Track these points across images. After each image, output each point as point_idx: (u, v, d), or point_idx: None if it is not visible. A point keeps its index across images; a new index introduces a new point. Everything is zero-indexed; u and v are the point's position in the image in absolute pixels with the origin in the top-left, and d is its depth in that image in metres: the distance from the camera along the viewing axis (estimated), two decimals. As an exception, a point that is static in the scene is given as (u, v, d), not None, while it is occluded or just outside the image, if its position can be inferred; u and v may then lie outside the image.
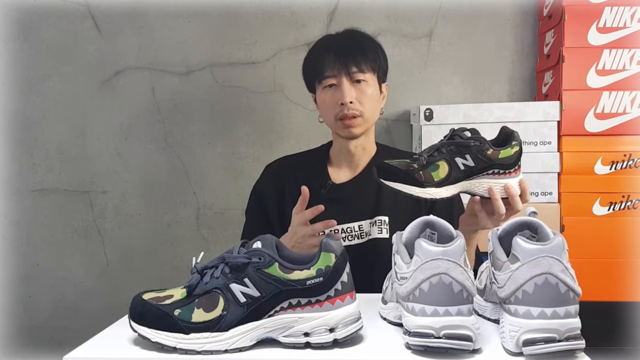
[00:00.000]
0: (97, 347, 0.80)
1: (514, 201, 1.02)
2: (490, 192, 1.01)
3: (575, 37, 1.64)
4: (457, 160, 0.99)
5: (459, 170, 0.99)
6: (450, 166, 0.99)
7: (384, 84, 1.34)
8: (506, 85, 1.93)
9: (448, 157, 1.00)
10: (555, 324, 0.69)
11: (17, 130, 1.99)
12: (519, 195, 1.03)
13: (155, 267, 1.98)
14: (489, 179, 1.01)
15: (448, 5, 1.91)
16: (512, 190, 1.01)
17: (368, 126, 1.29)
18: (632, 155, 1.62)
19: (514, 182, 1.02)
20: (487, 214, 1.05)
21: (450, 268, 0.72)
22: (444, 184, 1.00)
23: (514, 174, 1.02)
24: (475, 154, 0.99)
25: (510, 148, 1.00)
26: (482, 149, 0.99)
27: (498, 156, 0.99)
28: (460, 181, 1.00)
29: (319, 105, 1.32)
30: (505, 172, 1.01)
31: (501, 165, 1.00)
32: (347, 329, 0.77)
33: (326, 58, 1.26)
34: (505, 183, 1.01)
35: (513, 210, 1.03)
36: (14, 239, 2.00)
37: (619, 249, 1.61)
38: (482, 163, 0.99)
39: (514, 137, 1.02)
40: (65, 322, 2.00)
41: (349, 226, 1.29)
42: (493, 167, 1.00)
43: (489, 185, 1.01)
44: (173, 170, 1.98)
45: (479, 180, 1.01)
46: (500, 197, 1.01)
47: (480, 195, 1.02)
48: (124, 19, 1.96)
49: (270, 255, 0.76)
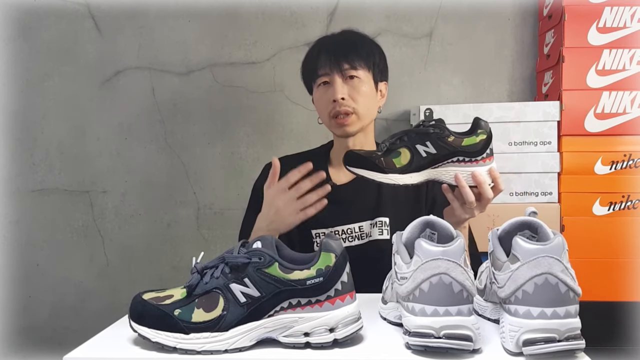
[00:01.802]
0: (97, 347, 0.80)
1: (483, 189, 1.03)
2: (456, 179, 1.03)
3: (575, 37, 1.64)
4: (418, 147, 1.02)
5: (421, 157, 1.02)
6: (412, 153, 1.02)
7: (383, 83, 1.33)
8: (506, 85, 1.93)
9: (409, 144, 1.03)
10: (555, 324, 0.69)
11: (17, 130, 1.99)
12: (489, 184, 1.04)
13: (155, 267, 1.98)
14: (455, 166, 1.03)
15: (448, 5, 1.91)
16: (480, 178, 1.02)
17: (363, 124, 1.28)
18: (632, 155, 1.62)
19: (482, 169, 1.03)
20: (459, 204, 1.07)
21: (450, 268, 0.72)
22: (407, 170, 1.02)
23: (482, 162, 1.03)
24: (436, 141, 1.01)
25: (475, 136, 1.02)
26: (442, 136, 1.01)
27: (461, 144, 1.01)
28: (426, 168, 1.03)
29: (315, 104, 1.33)
30: (472, 159, 1.02)
31: (465, 152, 1.01)
32: (347, 329, 0.77)
33: (320, 57, 1.27)
34: (472, 171, 1.02)
35: (484, 198, 1.04)
36: (14, 239, 2.00)
37: (619, 249, 1.61)
38: (443, 150, 1.01)
39: (480, 126, 1.03)
40: (65, 322, 2.00)
41: (349, 227, 1.29)
42: (457, 155, 1.02)
43: (455, 173, 1.02)
44: (173, 170, 1.98)
45: (445, 169, 1.03)
46: (469, 185, 1.03)
47: (447, 182, 1.05)
48: (124, 19, 1.96)
49: (270, 255, 0.76)
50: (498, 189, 1.05)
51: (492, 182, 1.04)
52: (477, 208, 1.07)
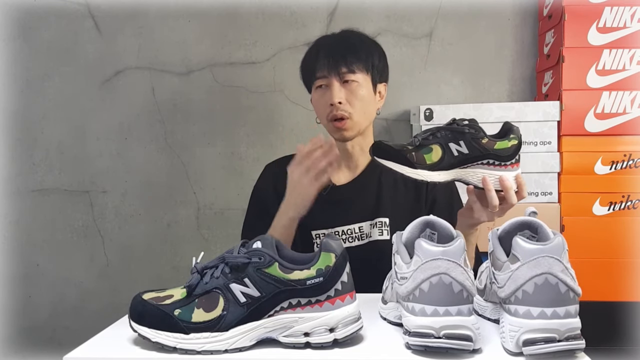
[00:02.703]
0: (97, 347, 0.80)
1: (508, 194, 1.02)
2: (483, 182, 1.01)
3: (575, 37, 1.64)
4: (451, 145, 1.00)
5: (452, 156, 1.00)
6: (444, 151, 1.00)
7: (382, 84, 1.32)
8: (506, 85, 1.93)
9: (442, 141, 1.01)
10: (555, 324, 0.69)
11: (17, 130, 1.99)
12: (514, 190, 1.03)
13: (155, 267, 1.98)
14: (483, 168, 1.01)
15: (448, 5, 1.91)
16: (507, 183, 1.01)
17: (360, 128, 1.27)
18: (632, 155, 1.62)
19: (509, 175, 1.01)
20: (481, 206, 1.06)
21: (450, 268, 0.72)
22: (436, 168, 1.00)
23: (511, 168, 1.02)
24: (470, 142, 0.99)
25: (507, 140, 1.00)
26: (477, 137, 0.99)
27: (494, 147, 1.00)
28: (454, 168, 1.01)
29: (313, 105, 1.32)
30: (501, 164, 1.01)
31: (496, 156, 1.00)
32: (347, 329, 0.77)
33: (318, 59, 1.26)
34: (500, 175, 1.01)
35: (507, 204, 1.03)
36: (14, 239, 2.00)
37: (619, 249, 1.61)
38: (476, 151, 1.00)
39: (512, 131, 1.02)
40: (65, 322, 2.00)
41: (349, 228, 1.29)
42: (488, 157, 1.00)
43: (483, 175, 1.01)
44: (173, 170, 1.98)
45: (474, 170, 1.01)
46: (495, 189, 1.01)
47: (474, 184, 1.03)
48: (124, 19, 1.96)
49: (270, 255, 0.76)
50: (521, 195, 1.04)
51: (517, 188, 1.03)
52: (497, 213, 1.05)
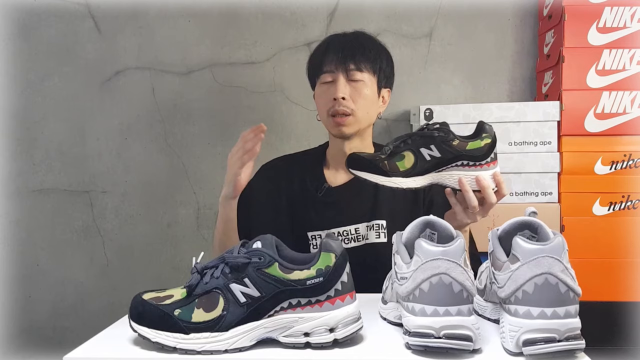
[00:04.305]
0: (97, 347, 0.80)
1: (486, 193, 1.02)
2: (460, 183, 1.02)
3: (575, 37, 1.64)
4: (423, 150, 1.01)
5: (425, 161, 1.01)
6: (416, 156, 1.01)
7: (386, 90, 1.32)
8: (506, 85, 1.93)
9: (413, 147, 1.02)
10: (555, 324, 0.69)
11: (17, 130, 1.99)
12: (493, 189, 1.03)
13: (155, 267, 1.98)
14: (459, 170, 1.02)
15: (448, 5, 1.91)
16: (484, 182, 1.01)
17: (360, 127, 1.27)
18: (632, 155, 1.62)
19: (486, 174, 1.02)
20: (462, 208, 1.06)
21: (450, 268, 0.72)
22: (411, 174, 1.02)
23: (487, 167, 1.02)
24: (441, 145, 1.00)
25: (479, 140, 1.01)
26: (447, 140, 1.00)
27: (466, 147, 1.00)
28: (429, 172, 1.02)
29: (315, 100, 1.32)
30: (476, 163, 1.01)
31: (470, 156, 1.01)
32: (347, 329, 0.77)
33: (327, 55, 1.27)
34: (476, 175, 1.01)
35: (487, 203, 1.04)
36: (14, 239, 2.00)
37: (619, 249, 1.61)
38: (448, 154, 1.00)
39: (484, 130, 1.03)
40: (65, 322, 2.00)
41: (345, 229, 1.28)
42: (461, 158, 1.01)
43: (458, 177, 1.02)
44: (173, 170, 1.98)
45: (449, 172, 1.02)
46: (473, 190, 1.02)
47: (451, 187, 1.04)
48: (124, 19, 1.95)
49: (270, 255, 0.76)
50: (501, 193, 1.04)
51: (495, 186, 1.04)
52: (479, 213, 1.06)
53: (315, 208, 1.30)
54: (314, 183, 1.33)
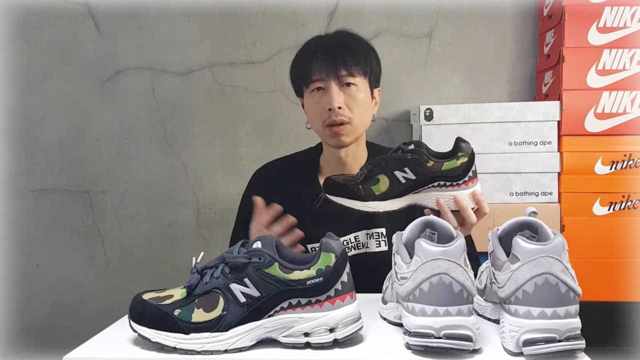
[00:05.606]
0: (97, 347, 0.80)
1: (466, 214, 1.00)
2: (438, 204, 1.00)
3: (575, 37, 1.64)
4: (397, 173, 0.99)
5: (400, 184, 0.99)
6: (391, 180, 0.99)
7: (377, 89, 1.27)
8: (506, 85, 1.93)
9: (387, 170, 1.00)
10: (556, 324, 0.69)
11: (17, 130, 1.99)
12: (473, 208, 1.00)
13: (155, 267, 1.98)
14: (436, 191, 1.00)
15: (448, 5, 1.91)
16: (462, 203, 0.99)
17: (358, 134, 1.22)
18: (632, 155, 1.62)
19: (464, 194, 0.99)
20: None
21: (451, 268, 0.72)
22: (387, 197, 1.00)
23: (465, 186, 1.00)
24: (415, 167, 0.98)
25: (455, 160, 0.99)
26: (422, 162, 0.98)
27: (441, 168, 0.98)
28: (406, 194, 1.00)
29: (306, 110, 1.25)
30: (453, 183, 0.99)
31: (446, 177, 0.98)
32: (347, 329, 0.77)
33: (314, 61, 1.19)
34: (454, 195, 0.99)
35: (467, 223, 1.01)
36: (14, 239, 2.00)
37: (619, 249, 1.61)
38: (423, 176, 0.99)
39: (460, 148, 1.00)
40: (65, 322, 2.00)
41: (345, 238, 1.25)
42: (437, 179, 0.99)
43: (436, 198, 1.00)
44: (173, 170, 1.98)
45: (426, 194, 1.00)
46: (452, 210, 1.00)
47: (430, 207, 1.01)
48: (124, 19, 1.96)
49: (270, 255, 0.76)
50: (482, 212, 1.01)
51: (475, 205, 1.01)
52: (462, 231, 1.02)
53: (312, 219, 1.25)
54: (309, 194, 1.28)
